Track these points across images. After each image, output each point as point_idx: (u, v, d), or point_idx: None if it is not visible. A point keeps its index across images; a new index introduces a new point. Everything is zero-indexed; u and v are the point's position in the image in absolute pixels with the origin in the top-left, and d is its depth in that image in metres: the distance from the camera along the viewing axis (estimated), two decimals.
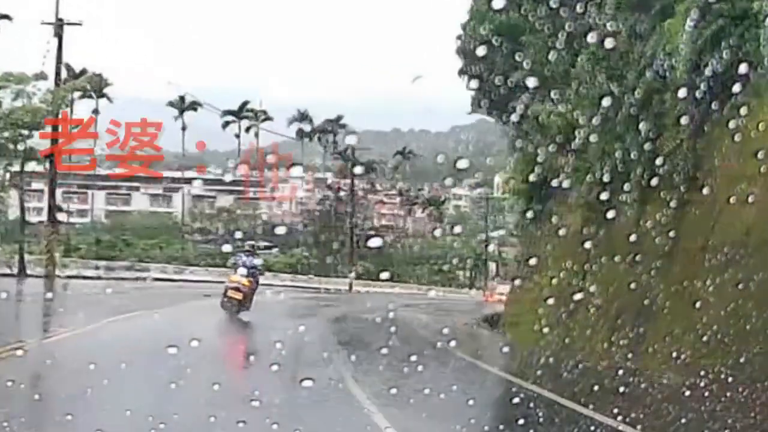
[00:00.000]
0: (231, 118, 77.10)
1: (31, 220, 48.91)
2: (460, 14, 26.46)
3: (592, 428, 8.80)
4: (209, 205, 76.82)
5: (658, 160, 13.44)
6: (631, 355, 13.03)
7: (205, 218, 75.61)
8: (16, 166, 42.16)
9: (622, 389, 11.59)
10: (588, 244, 14.04)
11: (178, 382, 9.34)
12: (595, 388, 11.38)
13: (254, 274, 22.39)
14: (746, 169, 12.60)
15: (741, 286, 12.06)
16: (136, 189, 72.21)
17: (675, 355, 12.69)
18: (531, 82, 14.39)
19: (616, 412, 9.21)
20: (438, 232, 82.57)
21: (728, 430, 9.57)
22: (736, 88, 12.59)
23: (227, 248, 69.53)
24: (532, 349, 14.01)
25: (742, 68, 12.43)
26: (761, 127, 12.20)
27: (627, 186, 13.49)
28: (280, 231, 72.17)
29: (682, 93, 13.25)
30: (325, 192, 73.05)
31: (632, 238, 13.05)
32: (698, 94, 13.14)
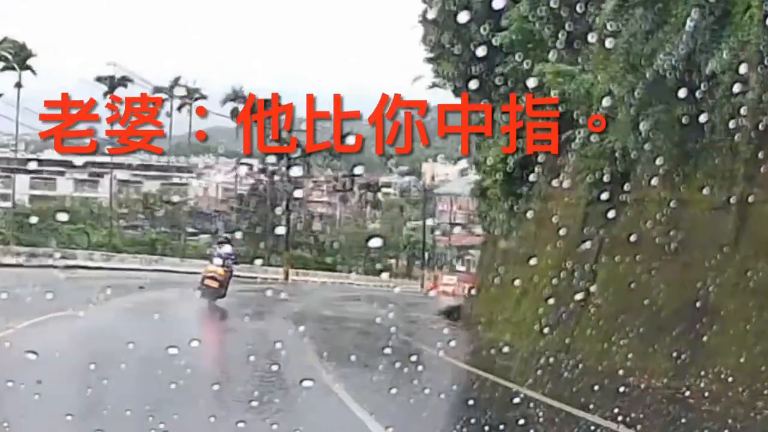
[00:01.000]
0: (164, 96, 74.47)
1: None
2: None
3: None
4: (135, 190, 74.67)
5: (659, 160, 13.36)
6: (631, 356, 12.96)
7: (131, 204, 73.51)
8: None
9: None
10: (588, 244, 13.89)
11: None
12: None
13: (228, 264, 23.72)
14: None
15: (741, 286, 12.18)
16: (61, 174, 69.58)
17: (675, 355, 12.73)
18: (531, 83, 14.05)
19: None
20: (373, 221, 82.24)
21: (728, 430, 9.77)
22: (736, 88, 12.63)
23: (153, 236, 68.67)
24: (531, 350, 13.78)
25: (742, 68, 12.48)
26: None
27: (627, 186, 13.44)
28: (210, 218, 70.77)
29: (683, 93, 13.22)
30: (258, 177, 71.59)
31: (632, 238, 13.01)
32: (698, 94, 13.13)
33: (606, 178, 13.86)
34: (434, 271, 60.60)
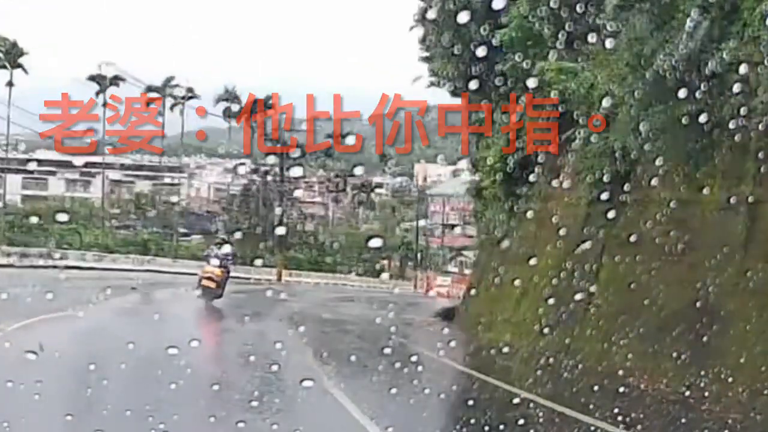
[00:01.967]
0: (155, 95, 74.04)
1: None
2: None
3: None
4: (128, 190, 74.42)
5: (659, 160, 13.34)
6: (631, 356, 12.93)
7: (123, 204, 73.23)
8: None
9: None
10: (588, 244, 13.84)
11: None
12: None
13: (226, 264, 24.28)
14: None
15: (741, 286, 12.17)
16: (52, 174, 69.27)
17: (675, 355, 12.71)
18: (531, 83, 14.01)
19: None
20: (366, 221, 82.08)
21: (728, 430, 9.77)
22: (736, 88, 12.62)
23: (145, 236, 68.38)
24: (531, 351, 13.74)
25: (742, 68, 12.47)
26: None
27: (627, 186, 13.41)
28: (202, 218, 70.55)
29: (683, 93, 13.21)
30: (251, 177, 71.30)
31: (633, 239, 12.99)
32: (699, 95, 13.12)
33: (606, 178, 13.82)
34: (427, 272, 60.44)
